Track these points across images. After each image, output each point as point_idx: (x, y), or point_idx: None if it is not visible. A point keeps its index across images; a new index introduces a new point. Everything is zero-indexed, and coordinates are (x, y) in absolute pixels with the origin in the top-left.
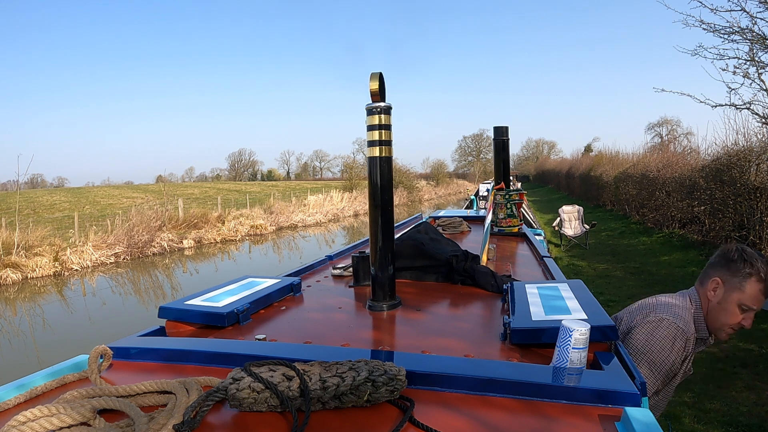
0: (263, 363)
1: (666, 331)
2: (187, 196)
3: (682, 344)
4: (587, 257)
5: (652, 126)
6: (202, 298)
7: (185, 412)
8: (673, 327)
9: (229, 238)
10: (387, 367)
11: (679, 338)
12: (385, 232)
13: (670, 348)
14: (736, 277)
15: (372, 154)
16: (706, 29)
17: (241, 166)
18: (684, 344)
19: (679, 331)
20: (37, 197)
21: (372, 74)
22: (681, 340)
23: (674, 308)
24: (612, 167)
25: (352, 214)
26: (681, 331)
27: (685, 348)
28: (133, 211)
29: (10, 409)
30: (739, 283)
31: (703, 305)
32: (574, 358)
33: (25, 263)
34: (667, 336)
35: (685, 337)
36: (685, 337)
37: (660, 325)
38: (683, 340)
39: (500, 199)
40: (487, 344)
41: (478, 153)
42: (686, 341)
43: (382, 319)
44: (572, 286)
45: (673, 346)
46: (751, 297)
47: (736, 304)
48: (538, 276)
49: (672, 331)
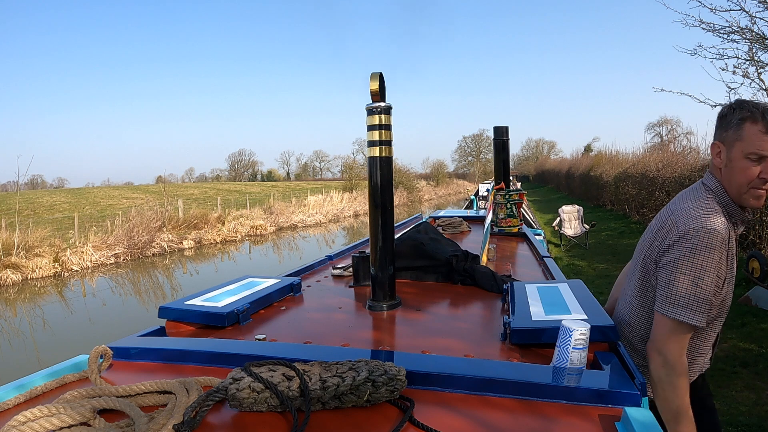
0: (263, 363)
1: (704, 242)
2: (187, 196)
3: (723, 248)
4: (587, 257)
5: (652, 126)
6: (202, 298)
7: (185, 412)
8: (707, 236)
9: (229, 239)
10: (387, 367)
11: (714, 243)
12: (385, 232)
13: (714, 261)
14: (731, 129)
15: (372, 154)
16: (706, 29)
17: (241, 167)
18: (720, 245)
19: (710, 233)
20: (37, 198)
21: (372, 74)
22: (716, 244)
23: (696, 210)
24: (612, 167)
25: (352, 214)
26: (711, 233)
27: (728, 248)
28: (133, 212)
29: (10, 409)
30: (735, 133)
31: (721, 181)
32: (574, 358)
33: (25, 264)
34: (707, 247)
35: (718, 237)
36: (718, 238)
37: (695, 240)
38: (721, 243)
39: (500, 199)
40: (487, 344)
41: (478, 153)
42: (722, 242)
43: (382, 319)
44: (572, 286)
45: (713, 256)
46: (752, 141)
47: (742, 155)
48: (538, 276)
49: (709, 240)
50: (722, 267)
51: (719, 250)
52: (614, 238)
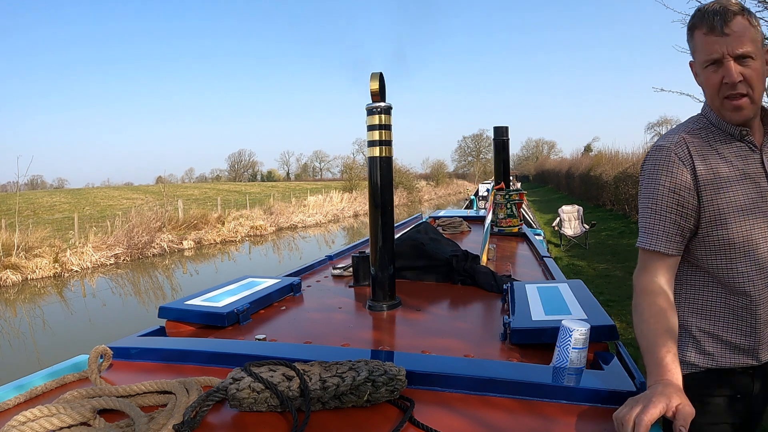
0: (263, 363)
1: (650, 163)
2: (187, 197)
3: (666, 161)
4: (587, 257)
5: (652, 125)
6: (202, 299)
7: (185, 412)
8: (653, 155)
9: (228, 239)
10: (387, 367)
11: (661, 159)
12: (385, 232)
13: (663, 179)
14: (689, 43)
15: (372, 154)
16: None
17: (240, 167)
18: (668, 159)
19: (657, 149)
20: (37, 198)
21: (372, 74)
22: (663, 159)
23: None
24: (612, 167)
25: (352, 214)
26: (658, 149)
27: (678, 163)
28: (132, 212)
29: (9, 409)
30: (691, 46)
31: (706, 101)
32: (574, 358)
33: (25, 264)
34: (652, 167)
35: (665, 152)
36: (665, 152)
37: (644, 165)
38: (665, 156)
39: (500, 199)
40: (487, 344)
41: (477, 153)
42: (671, 158)
43: (382, 319)
44: (572, 286)
45: (656, 171)
46: (702, 47)
47: (702, 67)
48: (538, 276)
49: (655, 159)
50: (682, 184)
51: (667, 167)
52: (614, 238)
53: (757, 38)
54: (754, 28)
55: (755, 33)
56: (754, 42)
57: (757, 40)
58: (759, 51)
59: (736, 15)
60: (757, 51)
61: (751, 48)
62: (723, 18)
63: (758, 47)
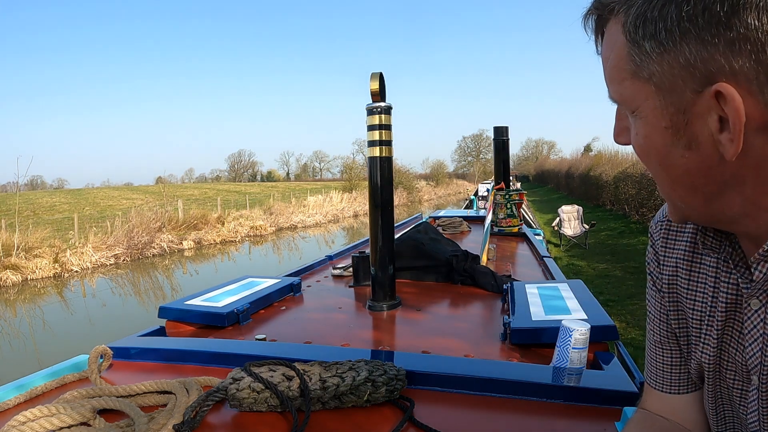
0: (263, 363)
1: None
2: (187, 197)
3: (652, 276)
4: (587, 257)
5: None
6: (202, 298)
7: (185, 412)
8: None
9: (228, 239)
10: (387, 367)
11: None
12: (385, 232)
13: (649, 295)
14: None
15: (372, 154)
16: None
17: (240, 167)
18: (651, 273)
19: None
20: (36, 199)
21: (372, 74)
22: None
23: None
24: (611, 167)
25: (352, 214)
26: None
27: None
28: (132, 213)
29: (10, 409)
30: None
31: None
32: (574, 358)
33: (25, 265)
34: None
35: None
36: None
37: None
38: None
39: (500, 199)
40: (487, 344)
41: (477, 153)
42: (650, 269)
43: (382, 319)
44: (572, 286)
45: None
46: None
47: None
48: (538, 276)
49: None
50: (657, 303)
51: (649, 278)
52: (614, 238)
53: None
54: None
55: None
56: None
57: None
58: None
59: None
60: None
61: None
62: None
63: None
